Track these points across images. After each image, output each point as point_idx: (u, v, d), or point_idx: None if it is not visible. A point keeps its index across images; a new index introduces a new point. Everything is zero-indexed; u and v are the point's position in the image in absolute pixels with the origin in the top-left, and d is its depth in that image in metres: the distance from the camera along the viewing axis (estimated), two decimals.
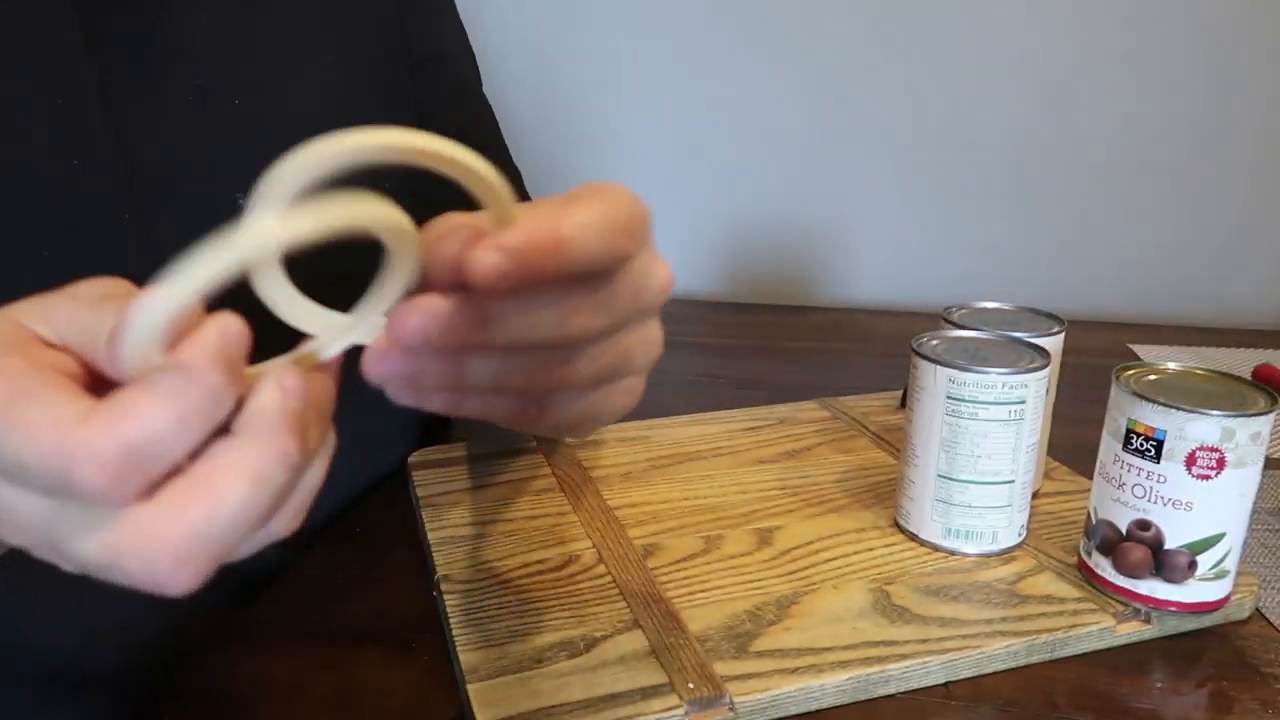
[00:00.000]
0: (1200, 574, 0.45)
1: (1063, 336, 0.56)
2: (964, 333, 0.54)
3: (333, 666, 0.43)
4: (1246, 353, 0.92)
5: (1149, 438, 0.44)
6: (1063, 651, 0.45)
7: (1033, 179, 1.06)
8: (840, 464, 0.62)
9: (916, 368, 0.50)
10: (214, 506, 0.23)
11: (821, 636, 0.43)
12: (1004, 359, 0.50)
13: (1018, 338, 0.53)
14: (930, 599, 0.47)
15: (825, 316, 1.08)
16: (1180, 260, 1.06)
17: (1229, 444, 0.42)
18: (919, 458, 0.51)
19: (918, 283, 1.11)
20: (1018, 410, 0.48)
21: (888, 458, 0.63)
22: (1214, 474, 0.43)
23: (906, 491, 0.52)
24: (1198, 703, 0.43)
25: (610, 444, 0.65)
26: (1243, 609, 0.48)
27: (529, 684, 0.40)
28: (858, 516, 0.55)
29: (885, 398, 0.74)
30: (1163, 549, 0.45)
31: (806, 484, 0.59)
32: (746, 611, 0.45)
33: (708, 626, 0.44)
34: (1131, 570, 0.46)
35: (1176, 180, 1.03)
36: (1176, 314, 1.06)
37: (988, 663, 0.43)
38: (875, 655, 0.42)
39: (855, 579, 0.48)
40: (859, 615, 0.45)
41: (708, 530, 0.53)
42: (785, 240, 1.13)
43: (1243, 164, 1.01)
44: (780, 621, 0.45)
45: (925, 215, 1.09)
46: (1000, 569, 0.50)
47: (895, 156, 1.08)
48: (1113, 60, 1.00)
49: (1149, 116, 1.02)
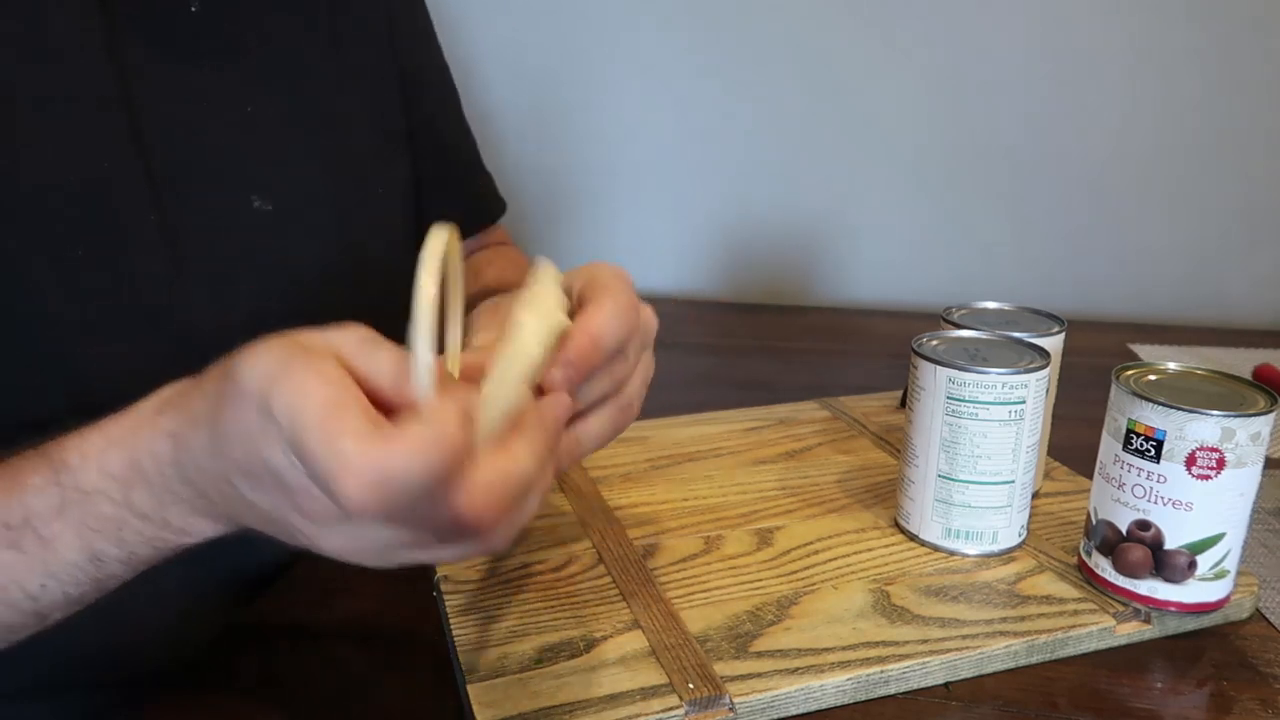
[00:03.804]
0: (1200, 574, 0.45)
1: (1063, 336, 0.56)
2: (964, 333, 0.54)
3: (333, 666, 0.43)
4: (1246, 353, 0.92)
5: (1149, 438, 0.44)
6: (1063, 652, 0.45)
7: (1033, 179, 1.06)
8: (840, 464, 0.62)
9: (916, 368, 0.50)
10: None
11: (821, 637, 0.43)
12: (1004, 359, 0.50)
13: (1018, 338, 0.53)
14: (930, 599, 0.47)
15: (825, 316, 1.08)
16: (1180, 260, 1.06)
17: (1229, 444, 0.42)
18: (919, 458, 0.51)
19: (918, 283, 1.11)
20: (1018, 410, 0.48)
21: (888, 458, 0.63)
22: (1214, 474, 0.43)
23: (906, 492, 0.52)
24: (1198, 703, 0.43)
25: (610, 445, 0.65)
26: (1242, 609, 0.48)
27: (529, 684, 0.40)
28: (858, 517, 0.55)
29: (885, 398, 0.74)
30: (1163, 549, 0.45)
31: (806, 484, 0.59)
32: (746, 612, 0.45)
33: (708, 627, 0.44)
34: (1131, 570, 0.46)
35: (1177, 181, 1.03)
36: (1176, 314, 1.06)
37: (988, 663, 0.43)
38: (875, 655, 0.42)
39: (855, 579, 0.48)
40: (859, 615, 0.45)
41: (708, 531, 0.53)
42: (785, 240, 1.13)
43: (1243, 164, 1.02)
44: (780, 622, 0.45)
45: (926, 215, 1.09)
46: (1000, 569, 0.50)
47: (896, 157, 1.08)
48: (1114, 61, 1.00)
49: (1149, 117, 1.02)
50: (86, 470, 0.36)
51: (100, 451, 0.36)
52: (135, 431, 0.36)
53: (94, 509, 0.35)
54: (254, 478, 0.32)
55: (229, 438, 0.32)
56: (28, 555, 0.35)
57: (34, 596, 0.36)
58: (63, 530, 0.35)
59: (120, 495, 0.35)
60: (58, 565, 0.36)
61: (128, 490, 0.35)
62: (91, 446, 0.36)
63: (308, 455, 0.28)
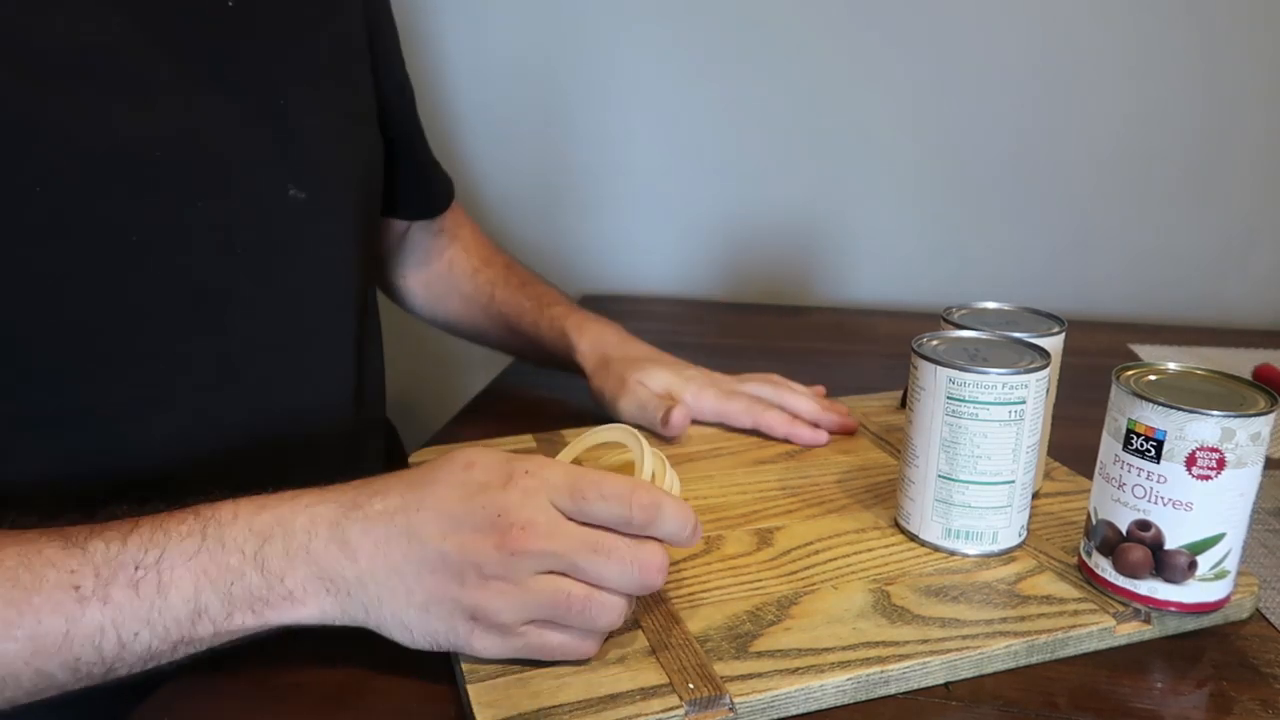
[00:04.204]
0: (1200, 574, 0.45)
1: (1063, 337, 0.56)
2: (964, 333, 0.54)
3: (333, 666, 0.43)
4: (1246, 353, 0.92)
5: (1149, 438, 0.44)
6: (1063, 652, 0.45)
7: (1033, 179, 1.06)
8: (840, 464, 0.62)
9: (916, 368, 0.50)
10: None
11: (821, 637, 0.43)
12: (1004, 359, 0.50)
13: (1018, 338, 0.53)
14: (930, 599, 0.47)
15: (825, 316, 1.08)
16: (1180, 260, 1.06)
17: (1229, 444, 0.42)
18: (919, 458, 0.51)
19: (918, 283, 1.11)
20: (1018, 410, 0.48)
21: (888, 458, 0.63)
22: (1214, 474, 0.43)
23: (906, 492, 0.52)
24: (1198, 703, 0.43)
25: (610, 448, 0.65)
26: (1242, 609, 0.48)
27: (529, 684, 0.40)
28: (858, 517, 0.55)
29: (885, 398, 0.74)
30: (1163, 549, 0.45)
31: (806, 484, 0.59)
32: (746, 612, 0.45)
33: (708, 627, 0.44)
34: (1132, 570, 0.46)
35: (1177, 181, 1.03)
36: (1176, 314, 1.06)
37: (988, 663, 0.43)
38: (875, 655, 0.42)
39: (855, 579, 0.48)
40: (859, 615, 0.45)
41: (708, 531, 0.53)
42: (785, 240, 1.13)
43: (1243, 165, 1.02)
44: (780, 622, 0.45)
45: (926, 215, 1.09)
46: (1000, 569, 0.50)
47: (896, 157, 1.08)
48: (1114, 61, 1.00)
49: (1149, 117, 1.02)
50: (235, 525, 0.38)
51: (253, 512, 0.39)
52: (295, 499, 0.39)
53: (222, 558, 0.37)
54: (455, 521, 0.38)
55: (440, 492, 0.39)
56: (140, 599, 0.37)
57: (123, 644, 0.37)
58: (183, 575, 0.37)
59: (254, 548, 0.38)
60: (162, 612, 0.37)
61: (263, 543, 0.38)
62: (245, 507, 0.39)
63: (598, 481, 0.40)
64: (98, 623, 0.36)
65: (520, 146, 1.14)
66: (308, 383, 0.57)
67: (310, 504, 0.39)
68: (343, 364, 0.59)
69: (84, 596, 0.36)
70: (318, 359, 0.58)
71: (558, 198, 1.16)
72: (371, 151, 0.64)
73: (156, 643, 0.37)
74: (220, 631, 0.38)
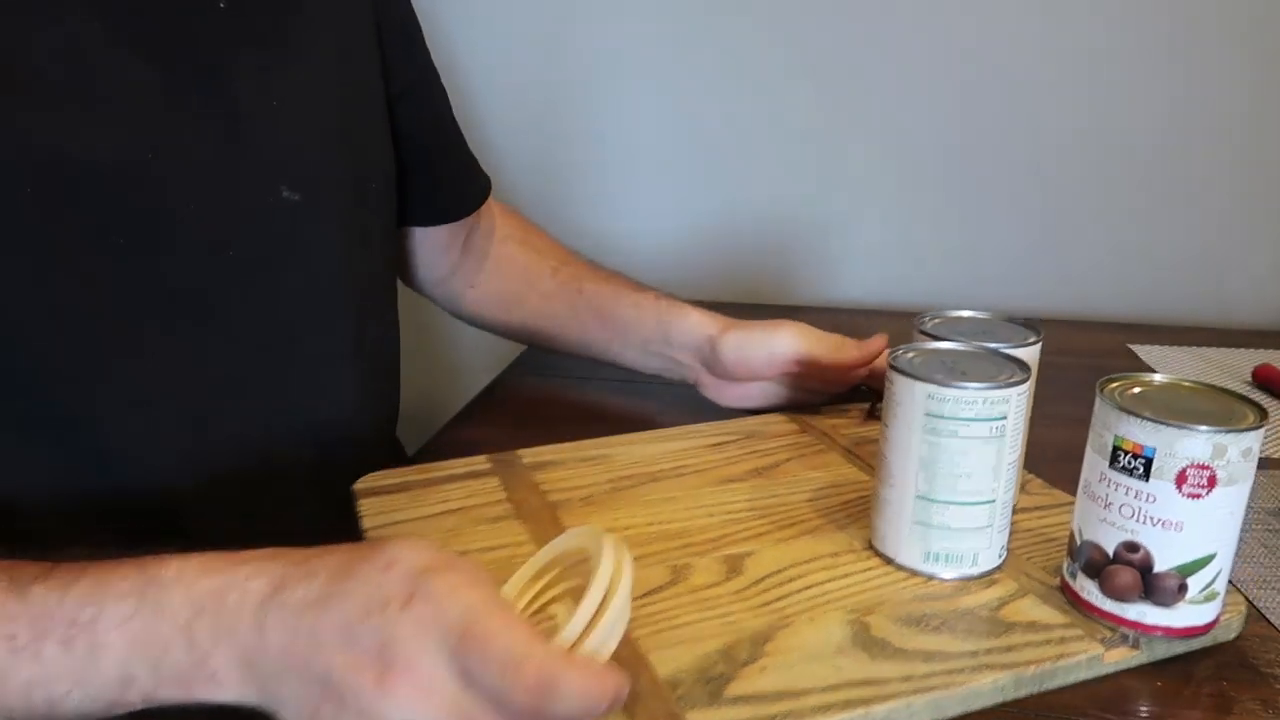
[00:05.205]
0: (1190, 597, 0.43)
1: (1039, 347, 0.54)
2: (942, 345, 0.52)
3: None
4: (1246, 353, 0.90)
5: (1138, 455, 0.42)
6: (1050, 684, 0.42)
7: (1032, 178, 1.04)
8: (811, 481, 0.59)
9: (893, 383, 0.48)
10: None
11: (800, 676, 0.40)
12: (984, 373, 0.48)
13: (996, 349, 0.51)
14: (911, 630, 0.44)
15: (817, 317, 1.05)
16: (1180, 260, 1.04)
17: (1220, 461, 0.40)
18: (895, 478, 0.48)
19: (912, 283, 1.09)
20: (999, 426, 0.46)
21: (859, 473, 0.60)
22: (1205, 493, 0.41)
23: (883, 513, 0.50)
24: (1197, 702, 0.42)
25: (569, 464, 0.61)
26: (1230, 630, 0.46)
27: None
28: (832, 539, 0.52)
29: (853, 409, 0.72)
30: (1152, 571, 0.43)
31: (776, 504, 0.56)
32: (718, 651, 0.42)
33: (678, 669, 0.41)
34: (1120, 594, 0.43)
35: (1177, 180, 1.02)
36: (1176, 314, 1.05)
37: (974, 699, 0.41)
38: (858, 697, 0.39)
39: (832, 609, 0.46)
40: (838, 651, 0.42)
41: (675, 559, 0.50)
42: (777, 241, 1.10)
43: (1243, 164, 1.00)
44: (755, 661, 0.42)
45: (920, 216, 1.07)
46: (981, 593, 0.47)
47: (890, 157, 1.06)
48: (1112, 59, 0.99)
49: (1149, 115, 1.00)
50: (175, 589, 0.36)
51: (194, 577, 0.36)
52: (237, 566, 0.37)
53: (155, 625, 0.35)
54: (350, 636, 0.33)
55: (350, 593, 0.34)
56: (73, 657, 0.35)
57: (53, 702, 0.35)
58: (116, 640, 0.35)
59: (185, 618, 0.35)
60: (92, 675, 0.35)
61: (195, 617, 0.35)
62: (189, 569, 0.36)
63: (489, 635, 0.32)
64: (27, 678, 0.35)
65: (517, 144, 1.12)
66: (301, 386, 0.56)
67: (249, 576, 0.36)
68: (339, 369, 0.59)
69: (17, 649, 0.35)
70: (311, 363, 0.57)
71: (555, 198, 1.13)
72: (375, 151, 0.63)
73: (88, 703, 0.36)
74: (150, 700, 0.36)
